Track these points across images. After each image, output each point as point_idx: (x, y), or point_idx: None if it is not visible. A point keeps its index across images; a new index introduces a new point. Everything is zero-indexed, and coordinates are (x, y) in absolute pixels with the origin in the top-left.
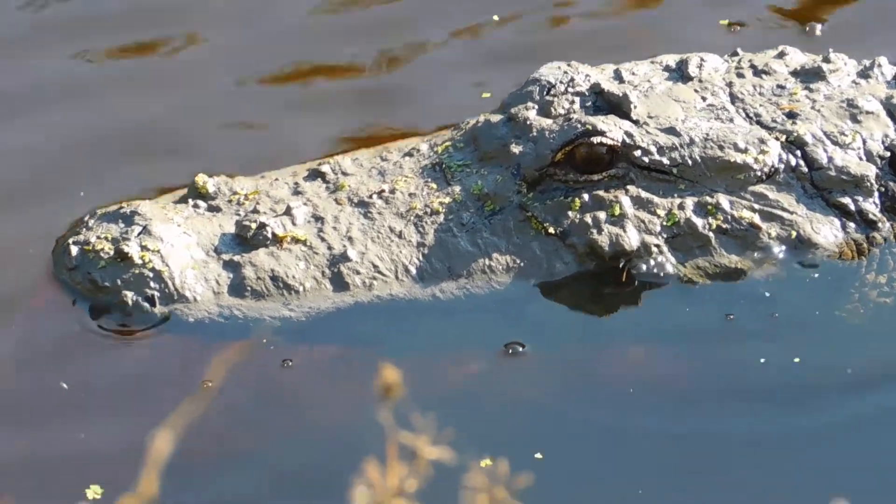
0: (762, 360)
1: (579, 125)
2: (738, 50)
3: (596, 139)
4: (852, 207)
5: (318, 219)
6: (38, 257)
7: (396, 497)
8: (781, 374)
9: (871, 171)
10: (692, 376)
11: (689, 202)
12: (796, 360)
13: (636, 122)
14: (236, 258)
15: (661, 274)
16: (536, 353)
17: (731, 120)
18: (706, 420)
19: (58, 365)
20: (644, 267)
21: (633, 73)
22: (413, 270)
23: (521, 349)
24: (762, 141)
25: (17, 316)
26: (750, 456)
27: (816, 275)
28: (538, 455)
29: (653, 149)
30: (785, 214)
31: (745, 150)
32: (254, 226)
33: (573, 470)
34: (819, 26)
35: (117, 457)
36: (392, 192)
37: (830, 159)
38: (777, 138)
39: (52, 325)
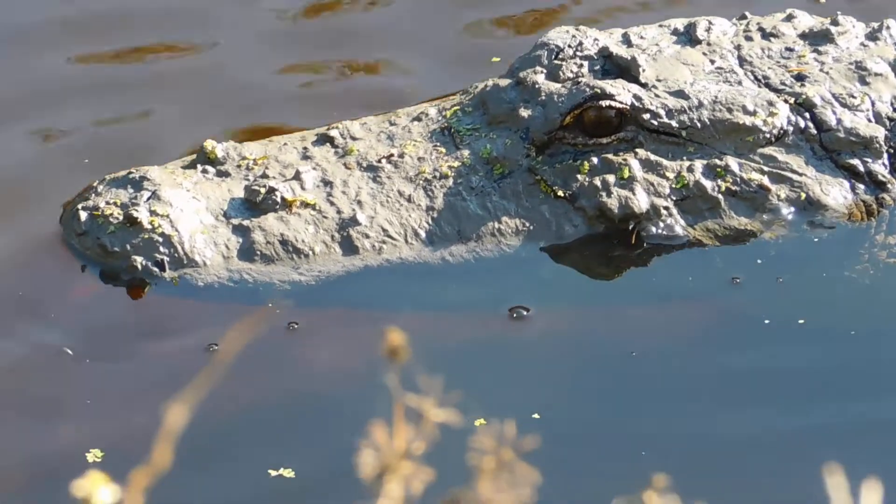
0: (766, 321)
1: (588, 89)
2: (746, 13)
3: (604, 102)
4: (861, 169)
5: (328, 183)
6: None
7: (403, 459)
8: (788, 335)
9: (880, 132)
10: (699, 338)
11: (699, 164)
12: (801, 321)
13: (645, 86)
14: (246, 223)
15: (671, 236)
16: (545, 315)
17: (740, 83)
18: (711, 382)
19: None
20: (653, 229)
21: (642, 37)
22: (422, 234)
23: (525, 313)
24: (771, 103)
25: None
26: (754, 416)
27: (826, 236)
28: (544, 416)
29: (661, 112)
30: (794, 176)
31: (753, 113)
32: (263, 190)
33: (580, 432)
34: None
35: (126, 424)
36: (401, 156)
37: (839, 121)
38: (786, 100)
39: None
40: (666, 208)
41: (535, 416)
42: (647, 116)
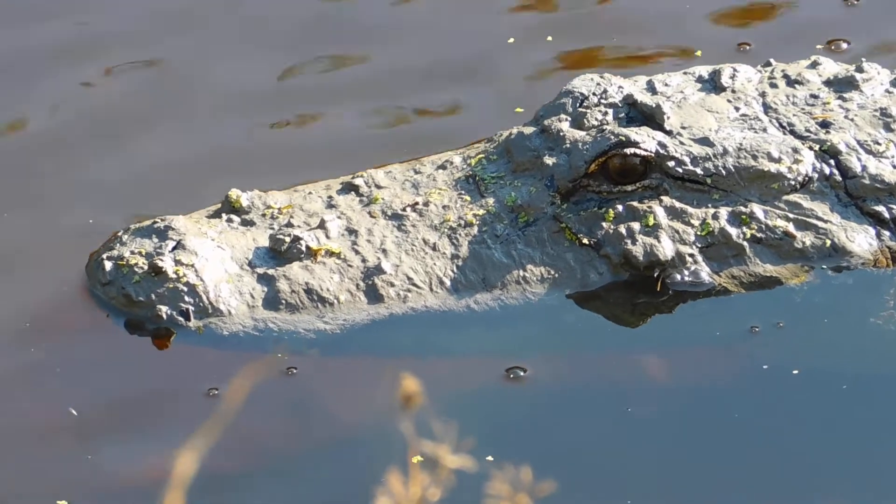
0: (794, 372)
1: (612, 136)
2: (771, 60)
3: (629, 150)
4: (887, 215)
5: (352, 232)
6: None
7: None
8: (815, 382)
9: None
10: (726, 385)
11: (724, 212)
12: (831, 367)
13: (669, 133)
14: (270, 271)
15: (696, 283)
16: (569, 362)
17: (765, 130)
18: (737, 429)
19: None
20: (678, 277)
21: (666, 84)
22: (447, 282)
23: (522, 373)
24: (796, 150)
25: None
26: (783, 464)
27: (851, 282)
28: (562, 462)
29: (686, 159)
30: (819, 223)
31: (778, 160)
32: (288, 239)
33: (599, 479)
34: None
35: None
36: (426, 204)
37: (864, 168)
38: (811, 147)
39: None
40: (691, 255)
41: (552, 461)
42: (671, 164)
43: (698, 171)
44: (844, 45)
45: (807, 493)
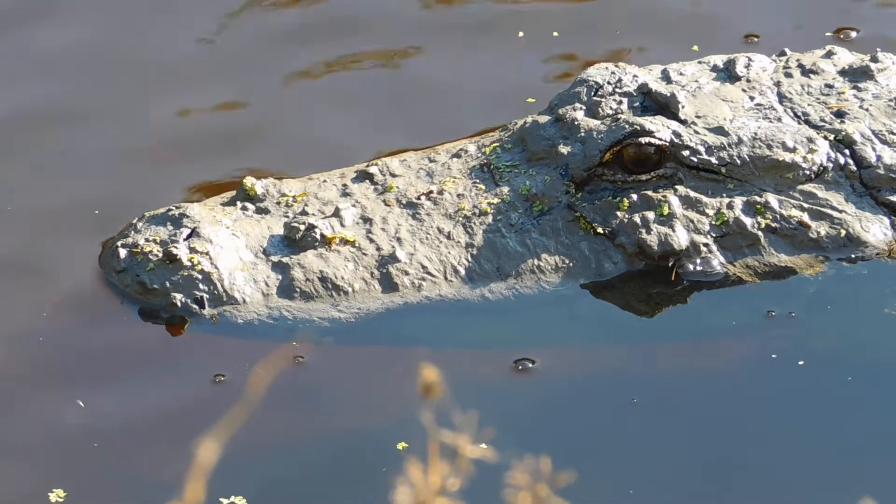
0: (800, 363)
1: (627, 125)
2: (786, 50)
3: (644, 139)
4: None
5: (367, 220)
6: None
7: (439, 496)
8: (828, 373)
9: None
10: (740, 375)
11: (738, 201)
12: (845, 358)
13: (684, 122)
14: (285, 260)
15: (710, 273)
16: (584, 352)
17: (780, 119)
18: (751, 420)
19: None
20: (693, 266)
21: (681, 74)
22: (462, 271)
23: (531, 365)
24: (811, 140)
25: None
26: (794, 455)
27: (866, 272)
28: (579, 452)
29: (701, 148)
30: (834, 213)
31: (793, 150)
32: (302, 227)
33: (616, 468)
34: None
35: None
36: (440, 193)
37: (879, 157)
38: (825, 137)
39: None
40: (706, 245)
41: (570, 451)
42: (686, 153)
43: (713, 160)
44: (854, 34)
45: (820, 481)
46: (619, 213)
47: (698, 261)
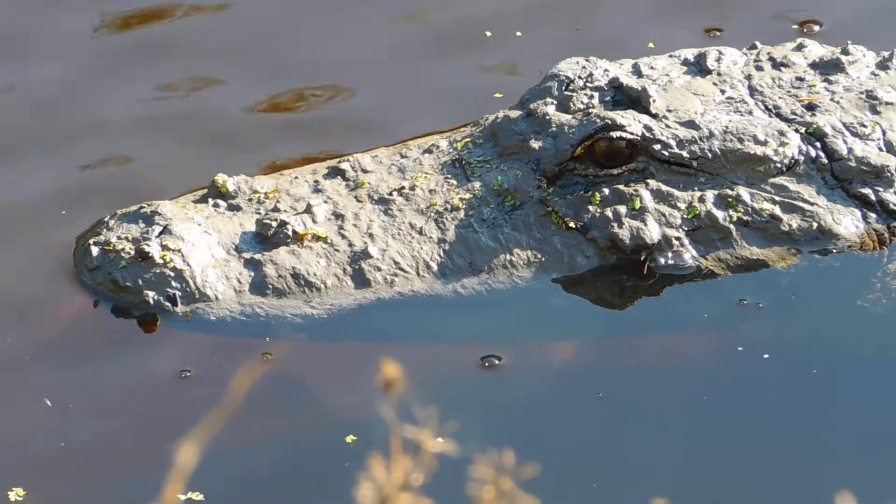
0: (771, 356)
1: (598, 120)
2: (757, 43)
3: (615, 133)
4: (873, 198)
5: (339, 216)
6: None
7: (402, 491)
8: (801, 365)
9: (891, 161)
10: (711, 369)
11: (710, 195)
12: (816, 349)
13: (655, 116)
14: (257, 256)
15: (683, 267)
16: (556, 346)
17: (751, 112)
18: (723, 412)
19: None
20: (665, 260)
21: (652, 68)
22: (434, 266)
23: (497, 362)
24: (782, 133)
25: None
26: (765, 448)
27: (838, 265)
28: (547, 446)
29: (672, 142)
30: (805, 206)
31: (764, 143)
32: (274, 224)
33: (581, 462)
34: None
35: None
36: (412, 188)
37: (850, 150)
38: (797, 130)
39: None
40: (678, 239)
41: (537, 445)
42: (658, 147)
43: (684, 154)
44: (817, 28)
45: (793, 473)
46: (590, 208)
47: (670, 254)
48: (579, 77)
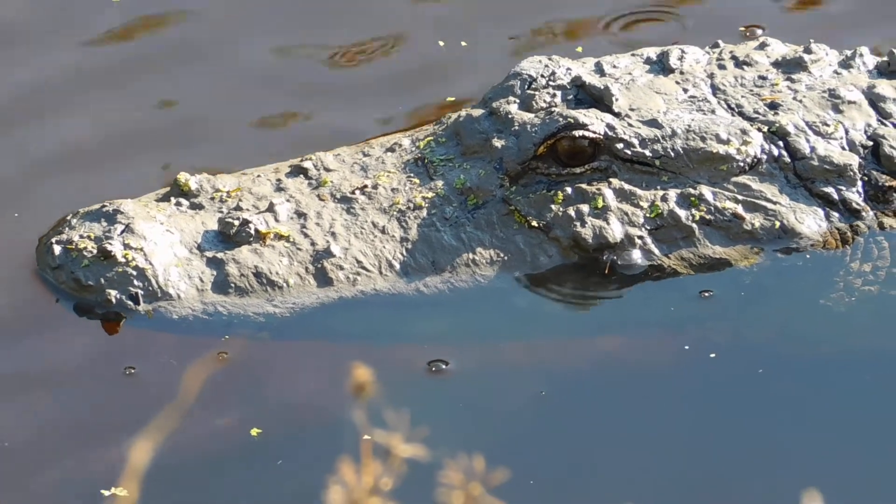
0: (728, 355)
1: (561, 118)
2: (719, 41)
3: (578, 132)
4: (835, 197)
5: (301, 215)
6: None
7: (372, 496)
8: (764, 363)
9: (853, 160)
10: (674, 366)
11: (672, 194)
12: (780, 348)
13: (618, 115)
14: (220, 255)
15: (646, 265)
16: (520, 345)
17: (713, 111)
18: (686, 411)
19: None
20: (628, 259)
21: (615, 66)
22: (397, 265)
23: (444, 367)
24: (744, 132)
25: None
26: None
27: (801, 264)
28: (514, 449)
29: (635, 141)
30: (768, 205)
31: (727, 141)
32: (237, 223)
33: (552, 463)
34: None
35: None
36: (375, 187)
37: (813, 149)
38: (759, 129)
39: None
40: (640, 237)
41: (504, 449)
42: (620, 146)
43: (647, 153)
44: (759, 32)
45: (755, 471)
46: (553, 207)
47: (633, 253)
48: (542, 76)
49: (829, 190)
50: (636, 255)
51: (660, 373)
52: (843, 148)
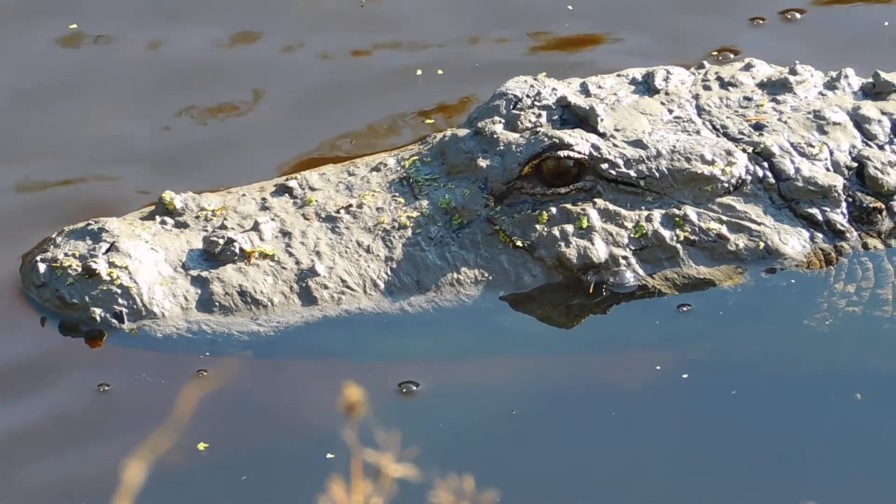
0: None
1: (546, 138)
2: (704, 62)
3: (563, 152)
4: (820, 218)
5: (286, 234)
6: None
7: None
8: (746, 383)
9: (838, 181)
10: (657, 386)
11: (657, 214)
12: (763, 368)
13: (603, 135)
14: (204, 274)
15: (630, 286)
16: (504, 365)
17: (698, 132)
18: (669, 431)
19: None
20: (612, 279)
21: (600, 87)
22: (381, 285)
23: (414, 388)
24: (729, 153)
25: None
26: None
27: (785, 284)
28: (500, 467)
29: (620, 161)
30: (753, 225)
31: (711, 162)
32: (221, 241)
33: (540, 482)
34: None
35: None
36: (360, 206)
37: (797, 170)
38: (744, 150)
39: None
40: (625, 258)
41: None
42: (605, 166)
43: (632, 173)
44: (732, 56)
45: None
46: (538, 227)
47: (617, 273)
48: (527, 96)
49: (814, 211)
50: (629, 276)
51: (643, 392)
52: (828, 169)
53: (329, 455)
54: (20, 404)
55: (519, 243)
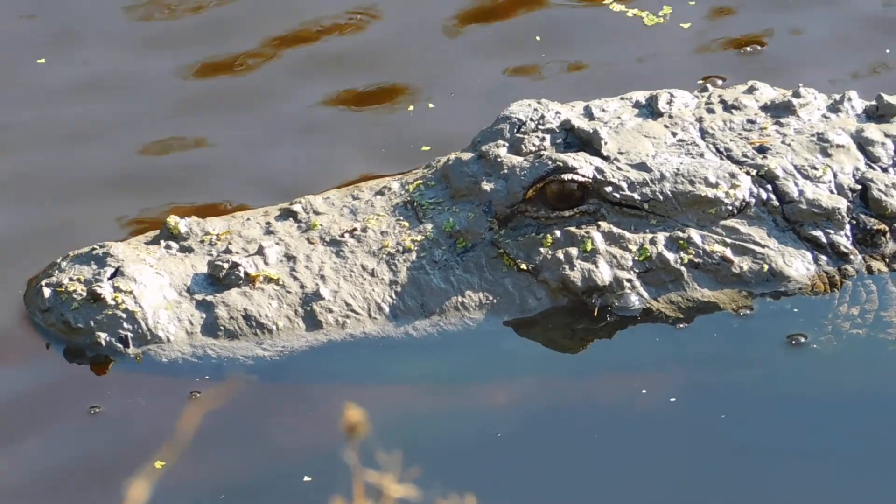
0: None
1: (550, 162)
2: (708, 85)
3: (567, 176)
4: (824, 240)
5: (291, 258)
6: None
7: None
8: (750, 406)
9: (842, 204)
10: (663, 409)
11: (661, 237)
12: (767, 391)
13: (607, 159)
14: (209, 298)
15: (634, 308)
16: (507, 387)
17: (702, 155)
18: (672, 451)
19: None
20: (616, 302)
21: (604, 110)
22: (386, 308)
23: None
24: (733, 175)
25: None
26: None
27: (789, 307)
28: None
29: (624, 184)
30: (757, 248)
31: (715, 185)
32: (226, 266)
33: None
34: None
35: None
36: (364, 230)
37: (801, 193)
38: (748, 172)
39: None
40: (629, 281)
41: (493, 488)
42: (609, 189)
43: (636, 196)
44: (720, 83)
45: None
46: (542, 250)
47: (622, 296)
48: (531, 119)
49: (818, 233)
50: (633, 299)
51: (647, 415)
52: (832, 191)
53: (327, 482)
54: (23, 437)
55: (523, 266)
